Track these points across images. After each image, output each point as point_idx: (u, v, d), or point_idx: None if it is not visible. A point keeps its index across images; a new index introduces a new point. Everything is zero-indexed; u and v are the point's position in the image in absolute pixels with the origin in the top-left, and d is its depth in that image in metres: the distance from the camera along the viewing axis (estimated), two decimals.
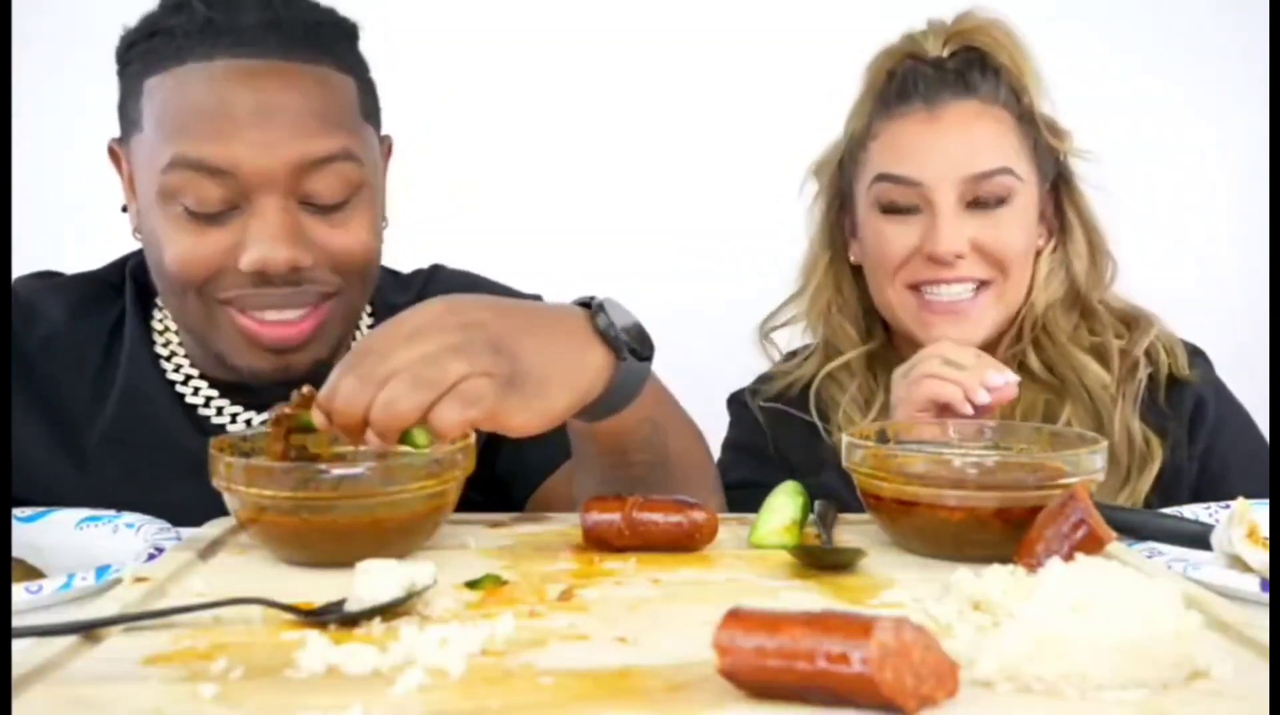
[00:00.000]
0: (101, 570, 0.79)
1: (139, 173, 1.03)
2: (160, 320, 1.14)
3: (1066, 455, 0.86)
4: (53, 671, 0.61)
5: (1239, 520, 0.86)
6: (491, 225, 2.00)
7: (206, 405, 1.11)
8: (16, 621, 0.67)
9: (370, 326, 1.18)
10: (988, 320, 1.25)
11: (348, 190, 1.01)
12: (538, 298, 1.15)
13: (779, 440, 1.33)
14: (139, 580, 0.76)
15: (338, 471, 0.81)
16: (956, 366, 1.12)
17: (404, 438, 0.78)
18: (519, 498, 1.15)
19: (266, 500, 0.80)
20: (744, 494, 1.08)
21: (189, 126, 0.97)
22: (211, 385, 1.11)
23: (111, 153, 1.10)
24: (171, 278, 1.01)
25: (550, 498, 1.12)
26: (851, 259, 1.34)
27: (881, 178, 1.25)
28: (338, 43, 1.05)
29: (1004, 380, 1.11)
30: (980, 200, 1.22)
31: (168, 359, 1.12)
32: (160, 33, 1.00)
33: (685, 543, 0.85)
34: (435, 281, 1.23)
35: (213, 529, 0.90)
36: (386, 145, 1.14)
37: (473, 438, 0.88)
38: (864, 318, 1.35)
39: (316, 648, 0.62)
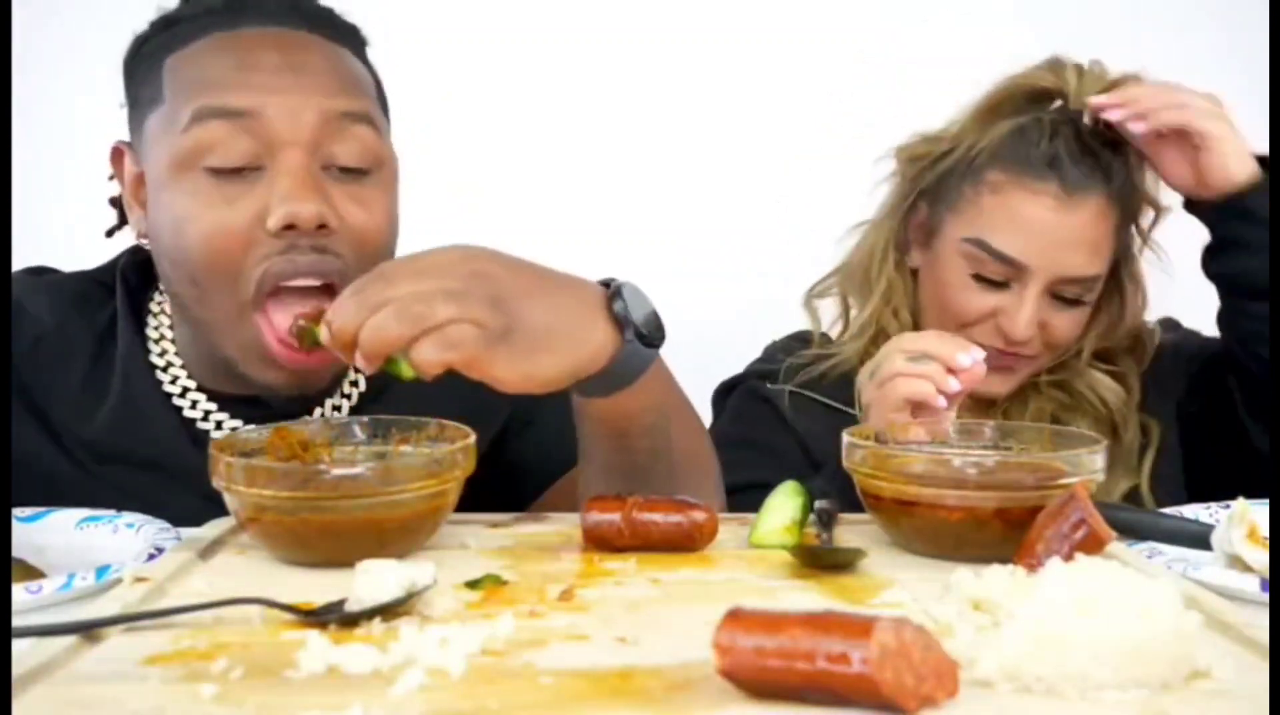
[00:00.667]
0: (101, 570, 0.79)
1: (154, 152, 1.00)
2: (156, 328, 1.10)
3: (1066, 455, 0.86)
4: (53, 671, 0.61)
5: (1239, 520, 0.86)
6: (492, 225, 1.99)
7: (205, 419, 1.07)
8: (16, 621, 0.67)
9: None
10: (1020, 376, 1.30)
11: (368, 158, 1.00)
12: None
13: (805, 430, 1.31)
14: (139, 580, 0.76)
15: (338, 471, 0.81)
16: (921, 358, 1.08)
17: (389, 365, 0.81)
18: (527, 497, 1.15)
19: (266, 500, 0.80)
20: (751, 494, 1.08)
21: (213, 81, 0.97)
22: (210, 398, 1.08)
23: (115, 155, 1.07)
24: (197, 261, 0.97)
25: (556, 502, 1.12)
26: (910, 264, 1.34)
27: (985, 246, 1.23)
28: (353, 36, 1.07)
29: (971, 359, 1.06)
30: (1062, 294, 1.24)
31: (164, 370, 1.08)
32: (182, 19, 1.02)
33: (685, 543, 0.85)
34: None
35: (213, 529, 0.90)
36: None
37: (473, 438, 0.88)
38: (913, 311, 1.35)
39: (316, 648, 0.62)
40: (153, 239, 1.03)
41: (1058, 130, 1.23)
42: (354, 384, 1.12)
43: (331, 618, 0.69)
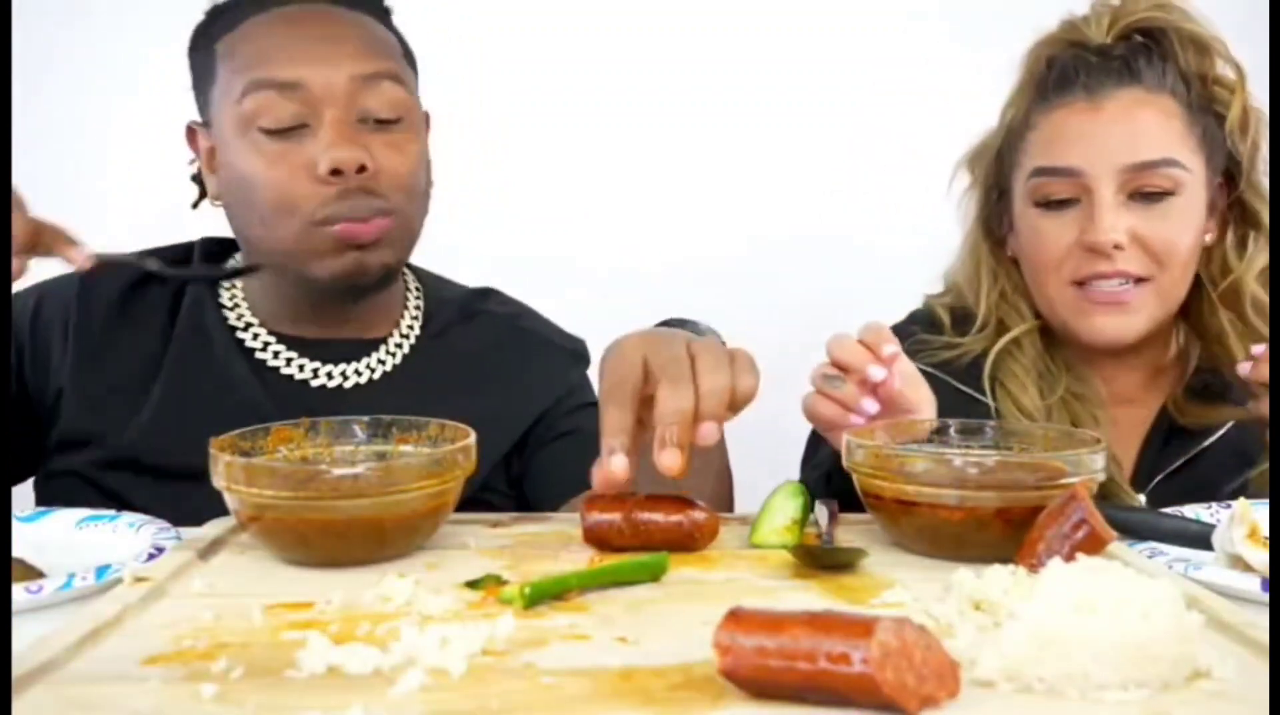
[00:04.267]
0: (101, 570, 0.79)
1: (218, 120, 1.13)
2: (229, 283, 1.22)
3: (1067, 455, 0.86)
4: (53, 671, 0.61)
5: (1240, 520, 0.86)
6: (486, 224, 2.00)
7: (264, 350, 1.18)
8: (16, 621, 0.67)
9: (418, 304, 1.26)
10: (1145, 313, 1.22)
11: (397, 109, 1.13)
12: (581, 341, 1.31)
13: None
14: (139, 580, 0.76)
15: (338, 471, 0.81)
16: (835, 379, 1.00)
17: None
18: (549, 504, 1.19)
19: (266, 500, 0.80)
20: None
21: (259, 57, 1.11)
22: (270, 333, 1.19)
23: (190, 133, 1.20)
24: (266, 205, 1.10)
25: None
26: (1008, 253, 1.32)
27: (1039, 172, 1.22)
28: (374, 4, 1.20)
29: (883, 372, 0.97)
30: (1142, 192, 1.19)
31: (231, 309, 1.20)
32: (229, 7, 1.15)
33: (686, 543, 0.85)
34: (488, 304, 1.32)
35: (213, 529, 0.90)
36: (425, 116, 1.22)
37: (472, 437, 0.88)
38: (1031, 301, 1.31)
39: (317, 648, 0.62)
40: (226, 194, 1.16)
41: (1073, 56, 1.24)
42: (405, 335, 1.23)
43: None
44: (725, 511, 1.10)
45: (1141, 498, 1.21)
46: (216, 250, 1.25)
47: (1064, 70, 1.23)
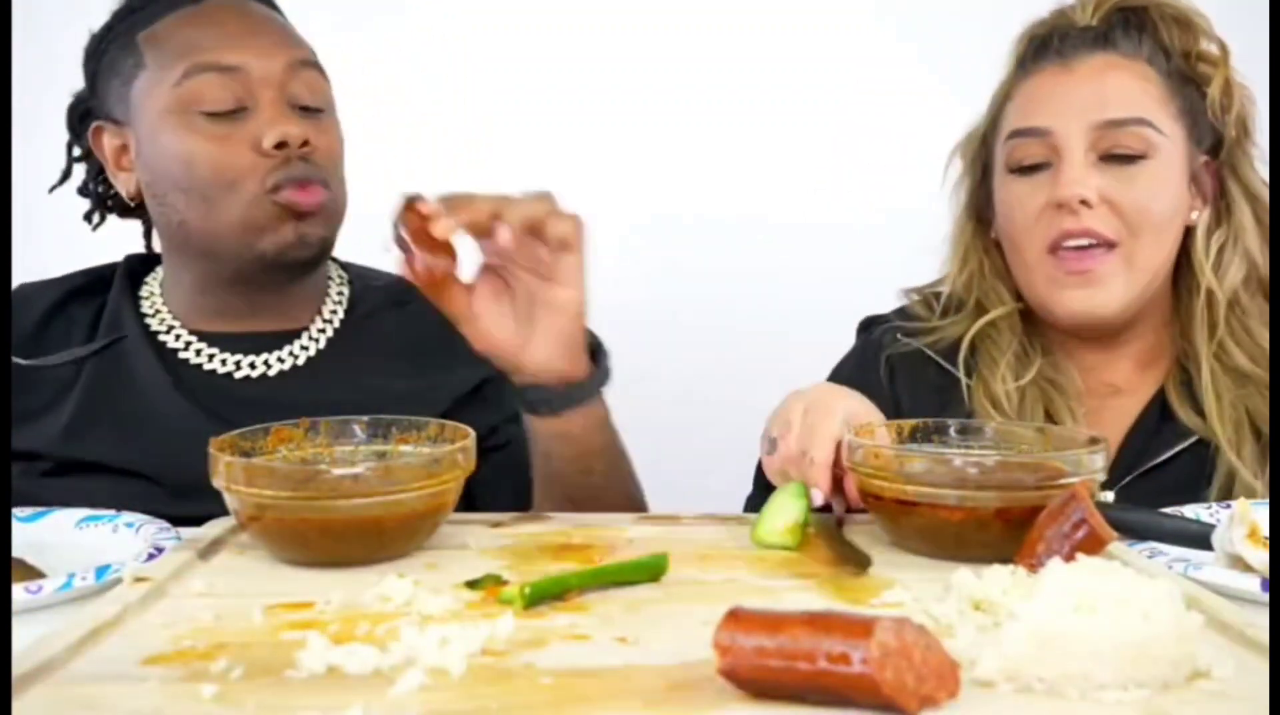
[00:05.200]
0: (101, 570, 0.79)
1: (146, 108, 1.14)
2: (148, 292, 1.23)
3: (1067, 455, 0.86)
4: (53, 671, 0.61)
5: (1240, 520, 0.86)
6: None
7: (186, 348, 1.19)
8: (16, 622, 0.67)
9: (341, 291, 1.27)
10: (1118, 287, 1.19)
11: (321, 98, 1.19)
12: None
13: (906, 387, 1.29)
14: (139, 580, 0.76)
15: (338, 471, 0.81)
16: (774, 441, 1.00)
17: None
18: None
19: (266, 500, 0.80)
20: None
21: (196, 43, 1.14)
22: (191, 332, 1.20)
23: (96, 134, 1.20)
24: (208, 180, 1.12)
25: None
26: (992, 235, 1.31)
27: (1012, 134, 1.22)
28: (276, 6, 1.25)
29: (820, 499, 0.94)
30: (1114, 154, 1.17)
31: (153, 315, 1.21)
32: (143, 5, 1.17)
33: None
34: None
35: (213, 529, 0.90)
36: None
37: (472, 437, 0.88)
38: (1012, 284, 1.30)
39: (316, 648, 0.62)
40: (156, 180, 1.16)
41: (1051, 30, 1.25)
42: (328, 320, 1.24)
43: None
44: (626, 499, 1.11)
45: (1109, 495, 1.19)
46: (140, 268, 1.26)
47: (1042, 42, 1.24)
